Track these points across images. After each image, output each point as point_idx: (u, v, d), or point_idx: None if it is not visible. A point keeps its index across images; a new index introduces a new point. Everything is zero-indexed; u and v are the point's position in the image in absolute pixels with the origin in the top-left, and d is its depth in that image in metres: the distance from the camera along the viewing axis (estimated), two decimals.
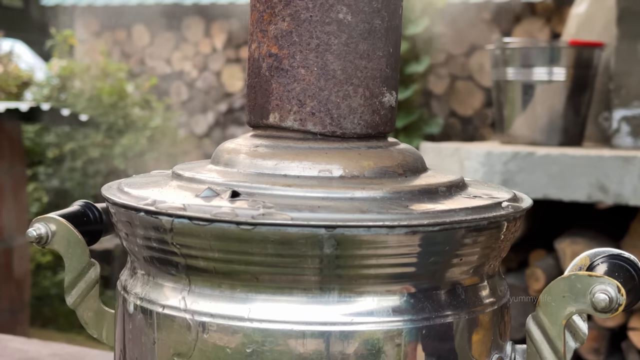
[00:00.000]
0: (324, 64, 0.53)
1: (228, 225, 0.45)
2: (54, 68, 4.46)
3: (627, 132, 2.19)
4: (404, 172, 0.54)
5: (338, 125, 0.53)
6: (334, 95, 0.53)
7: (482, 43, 4.26)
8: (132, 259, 0.54)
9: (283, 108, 0.54)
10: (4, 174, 2.55)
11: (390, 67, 0.55)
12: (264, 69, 0.54)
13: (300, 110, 0.53)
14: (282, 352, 0.46)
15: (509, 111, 2.35)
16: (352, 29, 0.53)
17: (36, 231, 0.56)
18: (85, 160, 4.12)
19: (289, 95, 0.53)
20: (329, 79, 0.53)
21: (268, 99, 0.54)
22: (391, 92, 0.55)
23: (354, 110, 0.54)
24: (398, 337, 0.47)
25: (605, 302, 0.46)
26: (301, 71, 0.53)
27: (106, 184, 0.56)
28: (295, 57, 0.53)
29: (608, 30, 2.37)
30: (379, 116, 0.55)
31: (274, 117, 0.54)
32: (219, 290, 0.48)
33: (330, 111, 0.53)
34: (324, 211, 0.46)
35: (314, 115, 0.53)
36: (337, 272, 0.46)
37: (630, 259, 0.49)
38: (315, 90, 0.53)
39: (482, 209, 0.50)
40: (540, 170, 2.04)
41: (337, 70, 0.53)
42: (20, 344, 1.03)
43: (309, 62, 0.53)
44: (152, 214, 0.48)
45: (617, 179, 1.95)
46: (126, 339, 0.53)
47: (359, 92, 0.54)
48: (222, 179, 0.51)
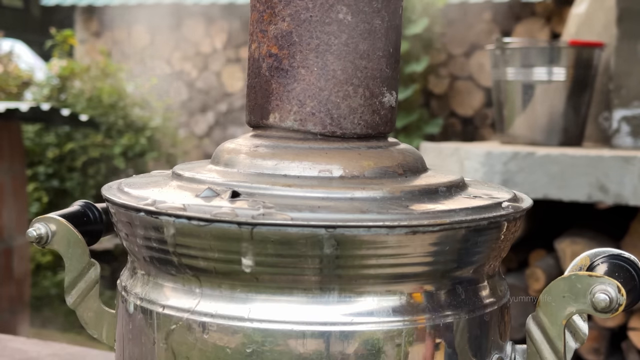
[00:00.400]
0: (324, 64, 0.53)
1: (228, 225, 0.45)
2: (54, 68, 4.47)
3: (627, 132, 2.19)
4: (404, 172, 0.54)
5: (338, 125, 0.53)
6: (334, 96, 0.53)
7: (482, 43, 4.26)
8: (132, 259, 0.54)
9: (283, 108, 0.54)
10: (4, 174, 2.55)
11: (390, 67, 0.55)
12: (264, 69, 0.54)
13: (300, 110, 0.53)
14: (282, 352, 0.46)
15: (509, 111, 2.35)
16: (352, 29, 0.53)
17: (36, 231, 0.56)
18: (85, 160, 4.12)
19: (289, 95, 0.53)
20: (329, 79, 0.53)
21: (268, 99, 0.54)
22: (391, 92, 0.55)
23: (354, 110, 0.54)
24: (398, 337, 0.47)
25: (605, 302, 0.46)
26: (301, 71, 0.53)
27: (106, 184, 0.56)
28: (295, 57, 0.53)
29: (608, 30, 2.37)
30: (379, 116, 0.55)
31: (274, 117, 0.54)
32: (219, 290, 0.48)
33: (330, 111, 0.53)
34: (324, 211, 0.46)
35: (314, 115, 0.53)
36: (337, 272, 0.46)
37: (630, 259, 0.49)
38: (315, 91, 0.53)
39: (482, 209, 0.50)
40: (540, 170, 2.04)
41: (337, 70, 0.53)
42: (20, 344, 1.03)
43: (309, 62, 0.53)
44: (152, 214, 0.48)
45: (617, 179, 1.95)
46: (126, 339, 0.53)
47: (359, 92, 0.54)
48: (222, 179, 0.51)
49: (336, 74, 0.53)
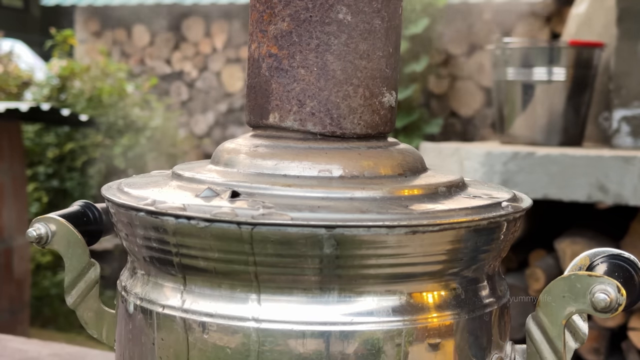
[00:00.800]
0: (323, 64, 0.53)
1: (228, 225, 0.45)
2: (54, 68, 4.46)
3: (627, 132, 2.19)
4: (404, 172, 0.54)
5: (338, 125, 0.53)
6: (333, 96, 0.53)
7: (482, 43, 4.26)
8: (132, 259, 0.54)
9: (283, 108, 0.54)
10: (4, 174, 2.55)
11: (390, 67, 0.55)
12: (263, 69, 0.54)
13: (300, 110, 0.53)
14: (282, 352, 0.46)
15: (509, 111, 2.35)
16: (352, 29, 0.53)
17: (36, 231, 0.56)
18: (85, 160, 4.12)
19: (288, 95, 0.53)
20: (328, 79, 0.53)
21: (268, 99, 0.54)
22: (391, 92, 0.55)
23: (354, 110, 0.54)
24: (398, 337, 0.47)
25: (605, 302, 0.46)
26: (301, 71, 0.53)
27: (106, 184, 0.56)
28: (295, 57, 0.53)
29: (608, 30, 2.37)
30: (379, 116, 0.55)
31: (274, 117, 0.54)
32: (219, 290, 0.48)
33: (330, 111, 0.53)
34: (323, 211, 0.46)
35: (313, 115, 0.53)
36: (337, 272, 0.46)
37: (630, 259, 0.49)
38: (315, 91, 0.53)
39: (482, 209, 0.50)
40: (540, 170, 2.04)
41: (337, 70, 0.53)
42: (20, 344, 1.03)
43: (309, 62, 0.53)
44: (152, 214, 0.48)
45: (617, 179, 1.95)
46: (126, 339, 0.53)
47: (358, 92, 0.54)
48: (222, 179, 0.51)
49: (336, 74, 0.53)
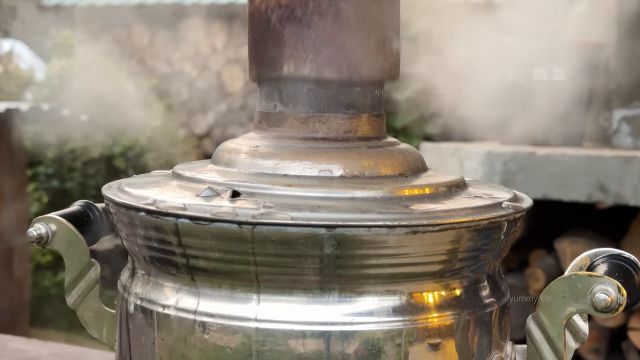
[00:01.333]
0: (337, 11, 0.52)
1: (228, 225, 0.45)
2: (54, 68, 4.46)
3: (627, 132, 2.19)
4: (404, 172, 0.54)
5: (355, 71, 0.53)
6: (349, 41, 0.52)
7: None
8: (133, 259, 0.54)
9: (298, 57, 0.53)
10: (4, 174, 2.55)
11: (397, 13, 0.55)
12: (273, 21, 0.53)
13: (316, 58, 0.52)
14: (282, 352, 0.46)
15: (509, 111, 2.35)
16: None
17: (36, 231, 0.56)
18: (85, 160, 4.12)
19: (303, 43, 0.52)
20: (343, 25, 0.52)
21: (281, 49, 0.53)
22: (398, 38, 0.55)
23: (368, 55, 0.53)
24: (398, 337, 0.47)
25: (605, 302, 0.46)
26: (315, 18, 0.52)
27: (106, 184, 0.56)
28: (308, 5, 0.52)
29: (608, 30, 2.37)
30: (390, 62, 0.55)
31: (288, 68, 0.53)
32: (219, 290, 0.48)
33: (347, 57, 0.53)
34: (324, 211, 0.46)
35: (330, 62, 0.53)
36: (337, 272, 0.46)
37: (630, 259, 0.49)
38: (330, 37, 0.52)
39: (482, 209, 0.50)
40: (540, 170, 2.03)
41: (351, 16, 0.52)
42: (20, 344, 1.03)
43: (323, 9, 0.52)
44: (152, 214, 0.48)
45: (617, 179, 1.95)
46: (126, 339, 0.53)
47: (372, 37, 0.53)
48: (223, 179, 0.51)
49: (350, 20, 0.52)
